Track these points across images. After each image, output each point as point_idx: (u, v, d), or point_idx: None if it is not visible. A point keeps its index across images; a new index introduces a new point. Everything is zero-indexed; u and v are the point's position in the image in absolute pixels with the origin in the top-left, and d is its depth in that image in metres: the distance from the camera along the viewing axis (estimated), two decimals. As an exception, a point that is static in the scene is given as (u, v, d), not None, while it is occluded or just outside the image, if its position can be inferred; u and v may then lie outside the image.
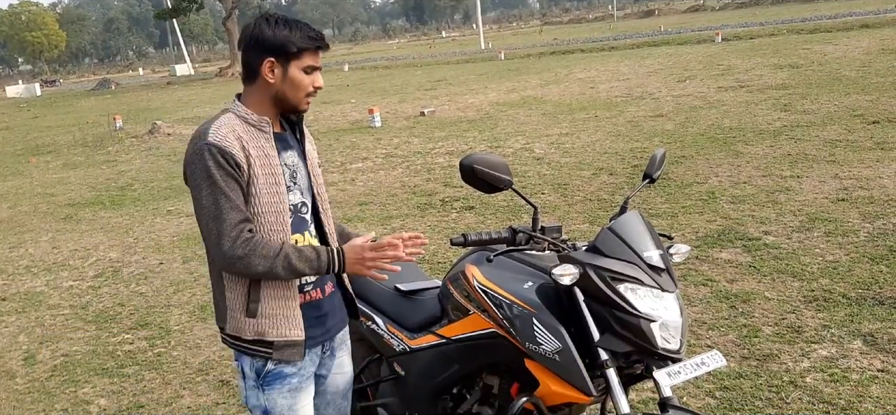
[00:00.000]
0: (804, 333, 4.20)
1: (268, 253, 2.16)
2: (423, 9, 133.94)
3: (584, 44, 34.99)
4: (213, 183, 2.14)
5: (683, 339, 2.29)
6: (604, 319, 2.27)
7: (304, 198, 2.38)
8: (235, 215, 2.15)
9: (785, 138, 9.14)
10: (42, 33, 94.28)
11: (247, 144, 2.20)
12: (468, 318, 2.57)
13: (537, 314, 2.33)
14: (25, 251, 7.98)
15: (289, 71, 2.24)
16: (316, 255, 2.23)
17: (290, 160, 2.33)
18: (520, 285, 2.42)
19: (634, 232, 2.33)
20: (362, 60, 45.36)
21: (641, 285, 2.25)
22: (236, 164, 2.16)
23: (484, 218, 7.26)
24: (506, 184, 2.44)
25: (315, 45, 2.26)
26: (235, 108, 2.27)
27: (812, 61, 16.89)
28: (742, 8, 61.47)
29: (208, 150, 2.14)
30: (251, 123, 2.24)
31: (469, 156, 2.43)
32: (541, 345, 2.31)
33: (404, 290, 2.92)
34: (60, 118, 26.53)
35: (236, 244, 2.14)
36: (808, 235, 5.71)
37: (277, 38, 2.22)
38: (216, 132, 2.16)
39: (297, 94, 2.28)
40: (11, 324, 5.79)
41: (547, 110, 14.31)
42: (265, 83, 2.25)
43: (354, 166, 10.72)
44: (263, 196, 2.22)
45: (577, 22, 79.72)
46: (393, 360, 2.88)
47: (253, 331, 2.28)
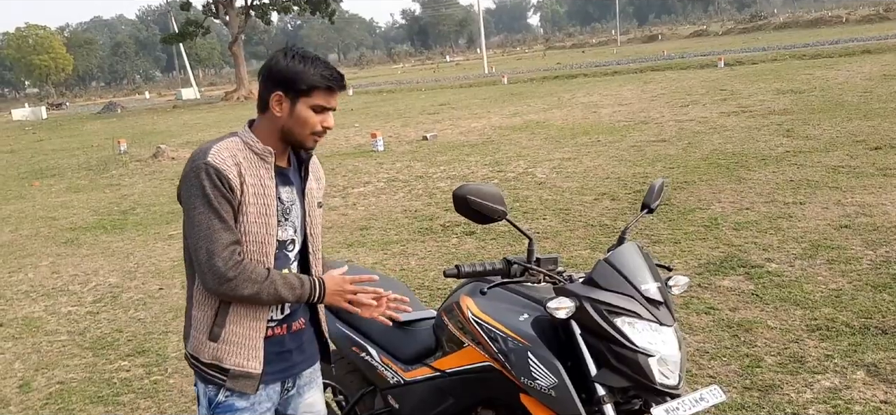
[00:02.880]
0: (807, 363, 4.14)
1: (256, 278, 2.18)
2: (428, 33, 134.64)
3: (587, 68, 35.06)
4: (208, 202, 2.14)
5: (682, 374, 2.25)
6: (601, 353, 2.23)
7: (294, 236, 2.37)
8: (227, 236, 2.15)
9: (787, 164, 9.10)
10: (49, 57, 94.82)
11: (244, 171, 2.20)
12: (463, 350, 2.53)
13: (532, 348, 2.29)
14: (25, 276, 7.95)
15: (296, 107, 2.23)
16: (299, 283, 2.26)
17: (286, 196, 2.33)
18: (515, 318, 2.38)
19: (632, 264, 2.29)
20: (367, 84, 45.51)
21: (639, 319, 2.21)
22: (230, 187, 2.16)
23: (485, 244, 7.22)
24: (499, 215, 2.41)
25: (326, 84, 2.23)
26: (243, 133, 2.28)
27: (814, 87, 16.89)
28: (745, 33, 61.65)
29: (206, 169, 2.14)
30: (255, 150, 2.24)
31: (462, 186, 2.40)
32: (536, 380, 2.27)
33: (399, 320, 2.88)
34: (65, 141, 26.60)
35: (228, 266, 2.14)
36: (810, 263, 5.66)
37: (289, 72, 2.21)
38: (216, 154, 2.17)
39: (302, 132, 2.26)
40: (7, 351, 5.75)
41: (549, 135, 14.30)
42: (273, 116, 2.25)
43: (356, 191, 10.70)
44: (251, 225, 2.22)
45: (580, 46, 79.95)
46: (387, 392, 2.84)
47: (211, 355, 2.27)
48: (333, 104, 2.29)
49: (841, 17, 58.34)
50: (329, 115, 2.28)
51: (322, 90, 2.23)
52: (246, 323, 2.27)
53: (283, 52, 2.26)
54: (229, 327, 2.26)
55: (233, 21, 46.18)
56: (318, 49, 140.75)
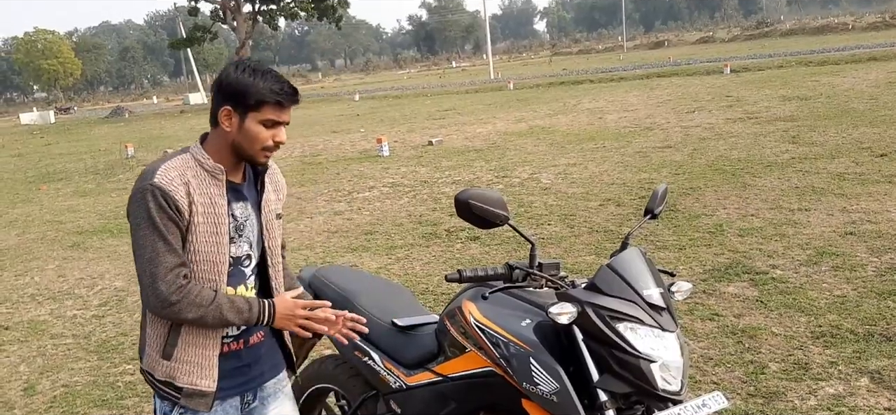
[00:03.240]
0: (811, 370, 4.13)
1: (201, 302, 2.14)
2: (434, 39, 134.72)
3: (593, 74, 35.03)
4: (153, 224, 2.11)
5: (684, 380, 2.25)
6: (603, 358, 2.23)
7: (250, 251, 2.34)
8: (171, 259, 2.12)
9: (793, 171, 9.09)
10: (57, 61, 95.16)
11: (194, 190, 2.16)
12: (465, 355, 2.53)
13: (535, 353, 2.29)
14: (31, 279, 7.99)
15: (245, 122, 2.18)
16: (248, 306, 2.21)
17: (240, 212, 2.29)
18: (517, 323, 2.38)
19: (634, 270, 2.29)
20: (373, 90, 45.59)
21: (641, 325, 2.22)
22: (177, 208, 2.13)
23: (489, 249, 7.22)
24: (502, 219, 2.41)
25: (276, 99, 2.17)
26: (195, 149, 2.24)
27: (820, 94, 16.86)
28: (751, 40, 61.55)
29: (151, 191, 2.11)
30: (206, 168, 2.20)
31: (464, 191, 2.40)
32: (538, 385, 2.27)
33: (401, 325, 2.88)
34: (73, 146, 26.70)
35: (171, 290, 2.11)
36: (815, 270, 5.65)
37: (238, 86, 2.16)
38: (163, 174, 2.13)
39: (252, 147, 2.21)
40: (13, 354, 5.77)
41: (555, 140, 14.30)
42: (223, 131, 2.20)
43: (361, 195, 10.72)
44: (201, 245, 2.19)
45: (586, 52, 79.96)
46: (389, 397, 2.84)
47: (164, 373, 2.26)
48: (285, 119, 2.23)
49: (847, 24, 58.21)
50: (281, 129, 2.23)
51: (272, 105, 2.17)
52: (199, 342, 2.24)
53: (234, 64, 2.21)
54: (182, 346, 2.24)
55: (240, 26, 46.34)
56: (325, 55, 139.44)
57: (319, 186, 11.92)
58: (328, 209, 10.04)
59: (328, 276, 3.16)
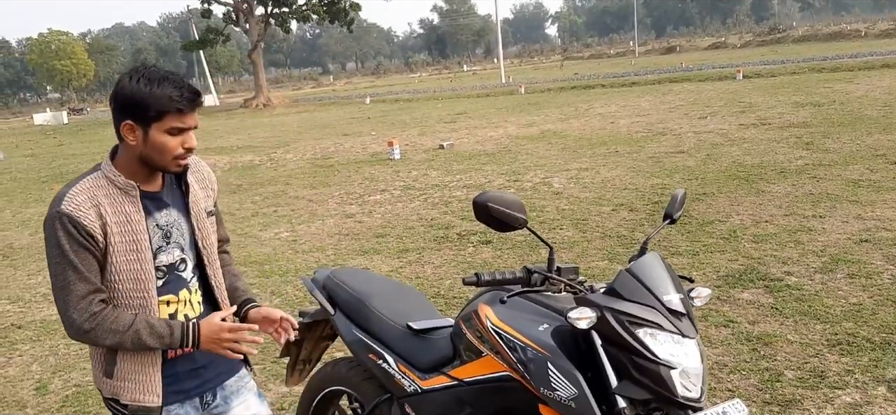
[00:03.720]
0: (827, 378, 4.09)
1: (116, 327, 2.10)
2: (446, 43, 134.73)
3: (604, 79, 34.97)
4: (63, 253, 2.06)
5: (704, 387, 2.22)
6: (622, 364, 2.21)
7: (184, 254, 2.29)
8: (83, 287, 2.08)
9: (807, 177, 9.03)
10: (71, 62, 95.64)
11: (106, 211, 2.10)
12: (481, 360, 2.51)
13: (552, 359, 2.27)
14: (44, 279, 7.99)
15: (149, 134, 2.10)
16: (169, 331, 2.15)
17: (164, 220, 2.24)
18: (534, 328, 2.36)
19: (654, 275, 2.27)
20: (384, 93, 45.62)
21: (661, 330, 2.19)
22: (89, 234, 2.07)
23: (501, 253, 7.19)
24: (520, 223, 2.38)
25: (176, 107, 2.09)
26: (105, 167, 2.17)
27: (833, 100, 16.76)
28: (763, 46, 61.33)
29: (59, 219, 2.06)
30: (118, 186, 2.14)
31: (483, 194, 2.38)
32: (556, 391, 2.25)
33: (416, 328, 2.87)
34: (86, 146, 26.83)
35: (83, 318, 2.08)
36: (830, 277, 5.60)
37: (135, 98, 2.07)
38: (71, 200, 2.08)
39: (162, 159, 2.14)
40: (25, 353, 5.78)
41: (566, 145, 14.27)
42: (129, 145, 2.13)
43: (372, 198, 10.71)
44: (122, 263, 2.14)
45: (597, 57, 79.84)
46: (404, 401, 2.82)
47: (109, 391, 2.25)
48: (191, 123, 2.15)
49: (860, 31, 57.94)
50: (189, 135, 2.15)
51: (173, 113, 2.09)
52: (137, 358, 2.20)
53: (128, 75, 2.12)
54: (121, 364, 2.20)
55: (252, 29, 46.48)
56: (336, 58, 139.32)
57: (331, 189, 11.92)
58: (339, 211, 10.03)
59: (342, 278, 3.15)
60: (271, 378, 4.86)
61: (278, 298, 6.57)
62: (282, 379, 4.81)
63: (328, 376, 3.23)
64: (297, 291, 6.71)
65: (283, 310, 6.10)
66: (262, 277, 7.29)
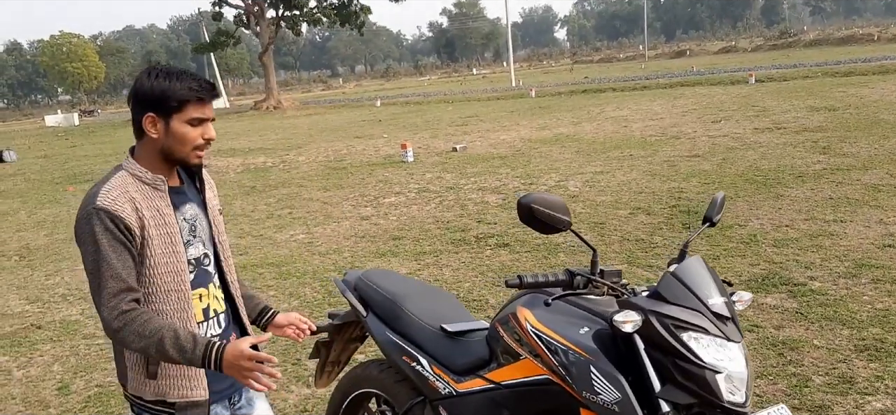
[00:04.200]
0: (857, 383, 4.05)
1: (143, 331, 2.08)
2: (455, 46, 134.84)
3: (615, 82, 34.89)
4: (98, 249, 2.07)
5: (749, 392, 2.19)
6: (665, 368, 2.18)
7: (206, 249, 2.35)
8: (114, 284, 2.08)
9: (826, 182, 8.97)
10: (82, 64, 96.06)
11: (140, 205, 2.14)
12: (519, 363, 2.49)
13: (595, 362, 2.25)
14: (62, 279, 8.02)
15: (171, 125, 2.17)
16: (192, 345, 2.11)
17: (190, 213, 2.30)
18: (575, 331, 2.34)
19: (698, 278, 2.25)
20: (394, 96, 45.65)
21: (706, 334, 2.17)
22: (126, 228, 2.10)
23: (519, 256, 7.17)
24: (564, 225, 2.36)
25: (196, 96, 2.18)
26: (129, 165, 2.21)
27: (848, 104, 16.67)
28: (774, 50, 61.14)
29: (97, 214, 2.08)
30: (145, 181, 2.19)
31: (527, 195, 2.36)
32: (599, 394, 2.22)
33: (451, 330, 2.84)
34: (98, 148, 26.95)
35: (113, 316, 2.08)
36: (855, 282, 5.55)
37: (155, 92, 2.15)
38: (106, 195, 2.10)
39: (183, 149, 2.20)
40: (46, 353, 5.79)
41: (580, 148, 14.23)
42: (150, 139, 2.19)
43: (387, 200, 10.70)
44: (159, 257, 2.17)
45: (607, 61, 79.75)
46: (437, 403, 2.80)
47: (153, 392, 2.23)
48: (209, 115, 2.23)
49: (872, 36, 57.67)
50: (208, 126, 2.23)
51: (194, 103, 2.18)
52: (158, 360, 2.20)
53: (146, 72, 2.19)
54: (165, 363, 2.20)
55: (263, 31, 46.57)
56: (345, 61, 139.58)
57: (345, 191, 11.92)
58: (355, 214, 10.03)
59: (375, 279, 3.13)
60: (293, 380, 4.84)
61: (296, 299, 6.56)
62: (303, 381, 4.81)
63: (358, 378, 3.21)
64: (315, 292, 6.71)
65: (301, 312, 6.10)
66: (279, 278, 7.28)
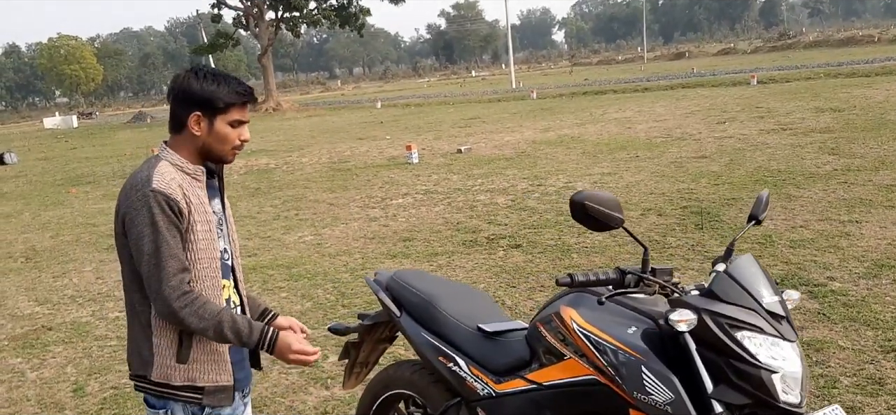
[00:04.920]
0: (886, 385, 4.00)
1: (203, 313, 2.21)
2: (453, 48, 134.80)
3: (616, 84, 34.87)
4: (156, 229, 2.17)
5: (804, 392, 2.15)
6: (718, 368, 2.13)
7: (226, 244, 2.45)
8: (175, 264, 2.19)
9: (837, 182, 8.93)
10: (80, 67, 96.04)
11: (187, 192, 2.25)
12: (563, 363, 2.44)
13: (646, 362, 2.20)
14: (69, 281, 7.96)
15: (215, 125, 2.29)
16: (249, 330, 2.28)
17: (217, 208, 2.42)
18: (623, 330, 2.29)
19: (751, 276, 2.20)
20: (394, 98, 45.60)
21: (761, 333, 2.12)
22: (179, 211, 2.21)
23: (532, 257, 7.12)
24: (617, 222, 2.31)
25: (242, 100, 2.32)
26: (168, 155, 2.31)
27: (854, 105, 16.64)
28: (774, 51, 61.20)
29: (154, 196, 2.17)
30: (187, 171, 2.30)
31: (580, 192, 2.31)
32: (650, 395, 2.17)
33: (489, 331, 2.79)
34: (98, 150, 26.86)
35: (175, 295, 2.18)
36: (876, 283, 5.50)
37: (205, 93, 2.27)
38: (160, 179, 2.20)
39: (223, 147, 2.33)
40: (59, 355, 5.73)
41: (586, 149, 14.19)
42: (191, 135, 2.30)
43: (395, 202, 10.65)
44: (200, 243, 2.28)
45: (606, 63, 79.77)
46: (476, 404, 2.75)
47: (183, 377, 2.30)
48: (247, 118, 2.36)
49: (873, 37, 57.74)
50: (244, 128, 2.36)
51: (237, 106, 2.31)
52: (209, 342, 2.31)
53: (194, 72, 2.31)
54: (196, 347, 2.30)
55: (263, 33, 46.49)
56: (343, 63, 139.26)
57: (351, 192, 11.86)
58: (363, 215, 9.97)
59: (407, 279, 3.08)
60: (311, 382, 4.79)
61: (309, 301, 6.51)
62: (321, 383, 4.76)
63: (390, 379, 3.16)
64: (328, 294, 6.65)
65: (315, 314, 6.02)
66: (290, 280, 7.22)
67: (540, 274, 6.59)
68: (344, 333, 3.27)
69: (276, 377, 4.88)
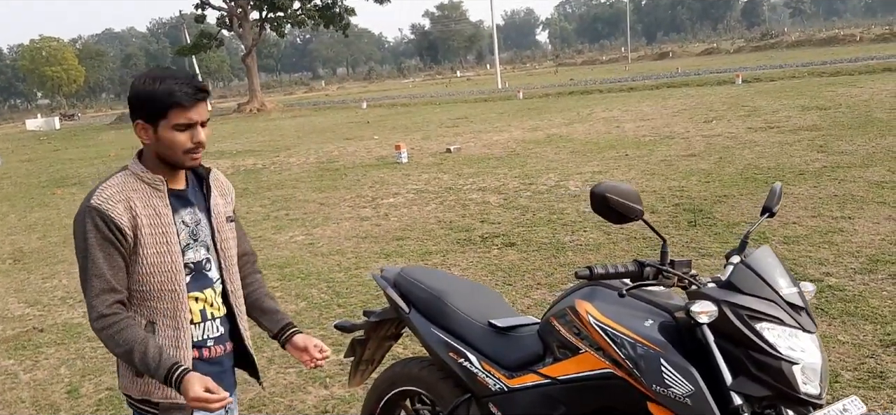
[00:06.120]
0: (888, 379, 4.02)
1: (119, 339, 2.12)
2: (437, 49, 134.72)
3: (602, 84, 34.96)
4: (87, 247, 2.12)
5: (824, 383, 2.14)
6: (737, 360, 2.12)
7: (208, 255, 2.34)
8: (98, 284, 2.12)
9: (827, 179, 8.97)
10: (61, 68, 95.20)
11: (135, 205, 2.16)
12: (578, 357, 2.42)
13: (665, 354, 2.18)
14: (59, 282, 7.87)
15: (158, 131, 2.16)
16: (157, 364, 2.12)
17: (190, 218, 2.29)
18: (640, 323, 2.27)
19: (770, 267, 2.19)
20: (379, 98, 45.50)
21: (781, 325, 2.11)
22: (117, 227, 2.12)
23: (527, 255, 7.11)
24: (637, 214, 2.29)
25: (176, 101, 2.13)
26: (134, 165, 2.24)
27: (839, 104, 16.75)
28: (757, 51, 61.61)
29: (89, 213, 2.12)
30: (146, 181, 2.20)
31: (600, 184, 2.29)
32: (669, 387, 2.16)
33: (500, 326, 2.77)
34: (81, 151, 26.63)
35: (94, 315, 2.13)
36: (872, 278, 5.53)
37: (144, 97, 2.16)
38: (100, 195, 2.14)
39: (174, 154, 2.19)
40: (51, 356, 5.66)
41: (575, 148, 14.20)
42: (145, 144, 2.22)
43: (386, 201, 10.61)
44: (153, 257, 2.18)
45: (590, 63, 79.99)
46: (487, 400, 2.72)
47: (139, 391, 2.25)
48: (196, 118, 2.18)
49: (855, 36, 58.25)
50: (197, 129, 2.19)
51: (175, 108, 2.14)
52: (170, 353, 2.21)
53: (140, 77, 2.20)
54: None
55: (246, 34, 46.26)
56: (327, 63, 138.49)
57: (341, 192, 11.81)
58: (354, 215, 9.93)
59: (415, 275, 3.05)
60: (310, 381, 4.75)
61: (303, 301, 6.47)
62: (321, 382, 4.72)
63: (397, 377, 3.13)
64: (322, 294, 6.62)
65: (310, 313, 5.96)
66: (282, 280, 7.18)
67: (536, 272, 6.58)
68: (350, 330, 3.24)
69: (274, 377, 4.84)
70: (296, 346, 2.49)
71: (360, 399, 3.82)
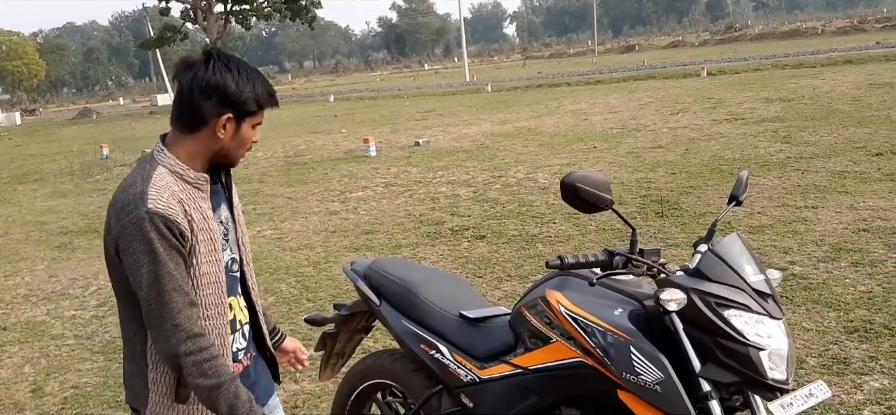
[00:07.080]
0: (851, 364, 4.10)
1: (208, 370, 1.90)
2: (405, 42, 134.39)
3: (569, 77, 35.14)
4: (156, 259, 1.86)
5: (790, 369, 2.17)
6: (705, 347, 2.15)
7: (234, 254, 2.18)
8: (180, 299, 1.89)
9: (791, 170, 9.11)
10: (22, 63, 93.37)
11: (188, 208, 1.95)
12: (549, 346, 2.43)
13: (635, 342, 2.20)
14: (22, 280, 7.73)
15: (242, 128, 2.04)
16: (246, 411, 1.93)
17: (224, 216, 2.15)
18: (610, 312, 2.29)
19: (737, 255, 2.22)
20: (347, 91, 45.30)
21: (748, 311, 2.14)
22: (180, 234, 1.91)
23: (497, 247, 7.13)
24: (607, 203, 2.30)
25: (273, 103, 2.10)
26: (165, 160, 1.99)
27: (802, 95, 17.01)
28: (722, 44, 62.24)
29: (150, 219, 1.86)
30: (188, 180, 1.99)
31: (570, 174, 2.29)
32: (639, 375, 2.18)
33: (471, 317, 2.77)
34: (43, 147, 26.16)
35: (182, 337, 1.89)
36: (835, 266, 5.63)
37: (242, 95, 1.99)
38: (157, 197, 1.89)
39: (240, 151, 2.08)
40: (15, 355, 5.56)
41: (543, 141, 14.25)
42: (211, 138, 2.01)
43: (355, 195, 10.56)
44: (203, 265, 1.99)
45: (557, 56, 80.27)
46: (459, 391, 2.73)
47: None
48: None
49: (816, 29, 59.14)
50: (259, 129, 2.14)
51: (264, 110, 2.10)
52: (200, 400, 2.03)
53: (224, 65, 2.00)
54: None
55: (211, 27, 45.78)
56: (293, 57, 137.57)
57: (309, 186, 11.74)
58: (322, 209, 9.87)
59: (386, 267, 3.04)
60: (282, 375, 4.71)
61: (272, 295, 6.42)
62: (291, 377, 4.69)
63: (368, 370, 3.12)
64: (291, 288, 6.58)
65: (279, 308, 5.93)
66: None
67: (505, 263, 6.60)
68: (321, 323, 3.22)
69: (243, 372, 4.80)
70: (284, 350, 2.44)
71: (331, 393, 3.81)
